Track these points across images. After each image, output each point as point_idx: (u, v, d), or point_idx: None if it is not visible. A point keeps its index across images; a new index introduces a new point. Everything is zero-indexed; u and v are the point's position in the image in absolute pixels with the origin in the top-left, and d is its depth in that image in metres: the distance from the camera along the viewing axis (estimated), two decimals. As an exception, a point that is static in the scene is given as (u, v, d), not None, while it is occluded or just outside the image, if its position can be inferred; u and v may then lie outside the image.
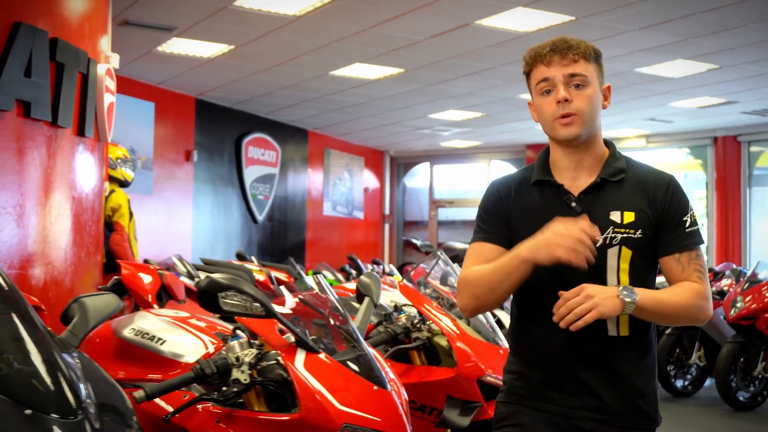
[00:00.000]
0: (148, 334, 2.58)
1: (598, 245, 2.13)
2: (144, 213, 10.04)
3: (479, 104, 12.09)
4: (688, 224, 2.24)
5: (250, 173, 13.20)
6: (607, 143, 2.33)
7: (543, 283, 2.20)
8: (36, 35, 4.73)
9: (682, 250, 2.23)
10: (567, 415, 2.23)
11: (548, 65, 2.22)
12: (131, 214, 6.92)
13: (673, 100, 11.56)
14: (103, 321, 2.12)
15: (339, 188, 15.97)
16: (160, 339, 2.58)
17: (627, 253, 2.20)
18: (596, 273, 2.16)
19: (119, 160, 7.00)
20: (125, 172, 7.04)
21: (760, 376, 7.77)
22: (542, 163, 2.32)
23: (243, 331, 2.52)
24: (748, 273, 8.76)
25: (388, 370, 2.63)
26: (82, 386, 1.87)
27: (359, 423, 2.34)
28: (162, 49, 9.16)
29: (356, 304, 3.22)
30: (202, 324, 2.75)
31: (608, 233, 2.20)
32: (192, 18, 7.99)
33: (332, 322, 2.60)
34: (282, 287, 6.00)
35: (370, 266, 11.93)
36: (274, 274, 6.74)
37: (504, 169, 16.87)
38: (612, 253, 2.20)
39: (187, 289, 4.51)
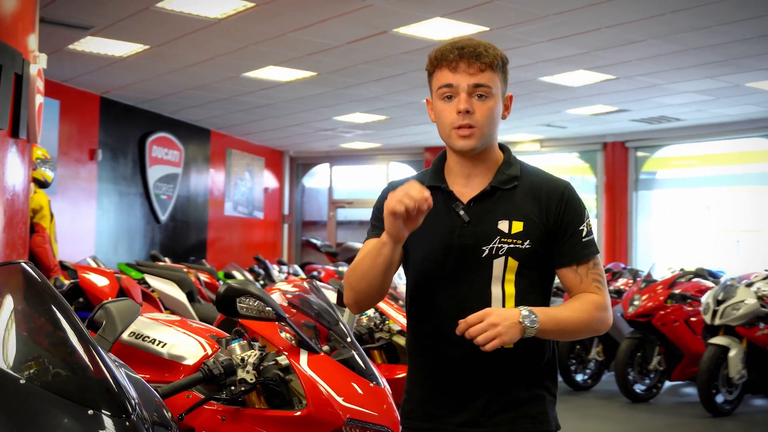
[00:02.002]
0: (148, 337, 2.68)
1: (484, 255, 2.14)
2: (49, 213, 9.86)
3: (385, 108, 12.35)
4: (584, 233, 2.19)
5: (154, 173, 13.08)
6: (503, 148, 2.29)
7: (428, 297, 2.19)
8: (-24, 36, 4.68)
9: (579, 261, 2.18)
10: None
11: (453, 71, 2.15)
12: (52, 216, 6.85)
13: (569, 108, 12.12)
14: (129, 324, 2.22)
15: (240, 188, 15.98)
16: (160, 342, 2.68)
17: (513, 263, 2.14)
18: (482, 283, 2.14)
19: (39, 161, 6.89)
20: (45, 173, 6.94)
21: (655, 369, 8.30)
22: (436, 168, 2.28)
23: (243, 333, 2.66)
24: (644, 273, 9.32)
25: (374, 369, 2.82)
26: (130, 386, 1.98)
27: (361, 418, 2.52)
28: (74, 47, 9.03)
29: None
30: (195, 326, 2.87)
31: (495, 243, 2.14)
32: (111, 18, 7.93)
33: (325, 323, 2.76)
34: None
35: (276, 267, 12.02)
36: (199, 276, 6.80)
37: (403, 170, 17.22)
38: (498, 263, 2.14)
39: (143, 293, 4.55)
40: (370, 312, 3.87)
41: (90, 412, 1.82)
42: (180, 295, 5.07)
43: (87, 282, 4.31)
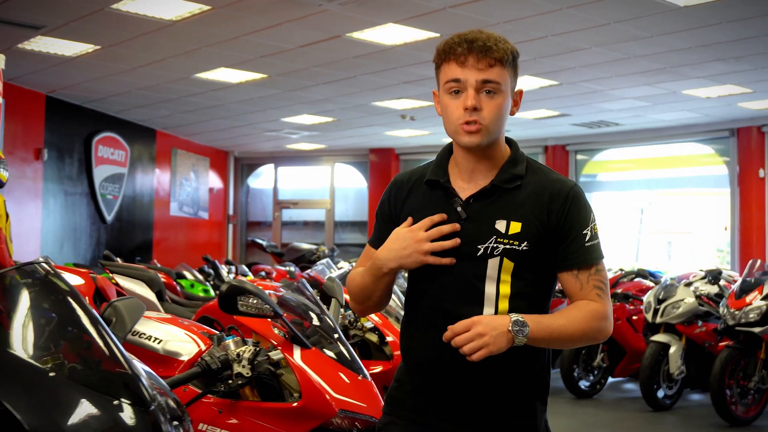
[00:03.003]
0: (144, 333, 2.79)
1: (479, 254, 2.09)
2: (-5, 213, 9.74)
3: (333, 110, 12.49)
4: (588, 238, 2.11)
5: (100, 173, 13.01)
6: (511, 144, 2.24)
7: (423, 291, 2.18)
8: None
9: (580, 266, 2.11)
10: (438, 430, 2.16)
11: (462, 65, 2.10)
12: (7, 216, 6.81)
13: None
14: (137, 322, 2.34)
15: (185, 188, 15.95)
16: (155, 338, 2.79)
17: (509, 264, 2.09)
18: (476, 282, 2.10)
19: (-7, 161, 6.86)
20: (0, 173, 6.90)
21: (598, 366, 8.58)
22: (440, 162, 2.23)
23: (237, 330, 2.78)
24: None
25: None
26: (146, 378, 2.10)
27: (352, 409, 2.68)
28: (23, 46, 8.97)
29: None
30: (186, 324, 2.99)
31: (491, 242, 2.09)
32: (64, 18, 7.91)
33: (314, 320, 2.91)
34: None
35: (225, 267, 12.04)
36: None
37: (347, 171, 17.37)
38: (493, 263, 2.09)
39: (117, 292, 4.60)
40: (343, 311, 4.03)
41: (115, 402, 1.95)
42: (150, 295, 5.14)
43: (63, 282, 4.34)
